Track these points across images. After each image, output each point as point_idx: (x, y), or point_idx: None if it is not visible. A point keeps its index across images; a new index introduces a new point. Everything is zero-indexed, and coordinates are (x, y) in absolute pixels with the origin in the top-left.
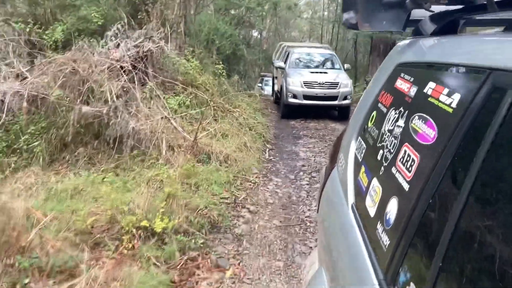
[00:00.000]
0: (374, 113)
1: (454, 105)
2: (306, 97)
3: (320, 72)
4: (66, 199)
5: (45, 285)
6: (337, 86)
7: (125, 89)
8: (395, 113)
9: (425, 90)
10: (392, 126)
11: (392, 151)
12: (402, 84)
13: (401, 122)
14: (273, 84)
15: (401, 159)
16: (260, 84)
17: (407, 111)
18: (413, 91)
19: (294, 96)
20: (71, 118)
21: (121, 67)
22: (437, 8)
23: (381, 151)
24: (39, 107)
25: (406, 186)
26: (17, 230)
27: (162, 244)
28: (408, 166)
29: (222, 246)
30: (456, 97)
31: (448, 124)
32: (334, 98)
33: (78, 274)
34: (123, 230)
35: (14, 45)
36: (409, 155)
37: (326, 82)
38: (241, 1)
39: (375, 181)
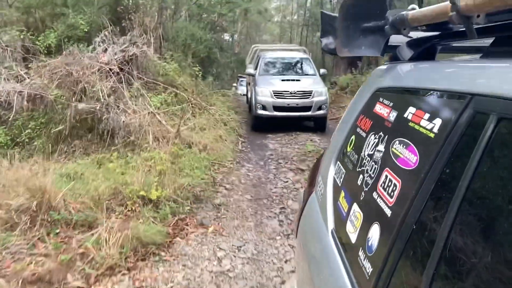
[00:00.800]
0: (353, 137)
1: (435, 130)
2: (276, 108)
3: (292, 80)
4: (71, 181)
5: (72, 233)
6: (310, 95)
7: (113, 88)
8: (375, 138)
9: (405, 115)
10: (372, 150)
11: (372, 176)
12: (381, 109)
13: (381, 147)
14: (247, 86)
15: (382, 184)
16: (235, 84)
17: (387, 136)
18: (392, 116)
19: (264, 108)
20: (68, 114)
21: (110, 70)
22: (414, 35)
23: (361, 176)
24: (37, 105)
25: (388, 212)
26: (48, 193)
27: (157, 209)
28: (390, 191)
29: (204, 212)
30: (438, 122)
31: (430, 149)
32: (307, 108)
33: (96, 226)
34: (126, 199)
35: (10, 50)
36: (390, 180)
37: (298, 92)
38: (214, 7)
39: (355, 206)
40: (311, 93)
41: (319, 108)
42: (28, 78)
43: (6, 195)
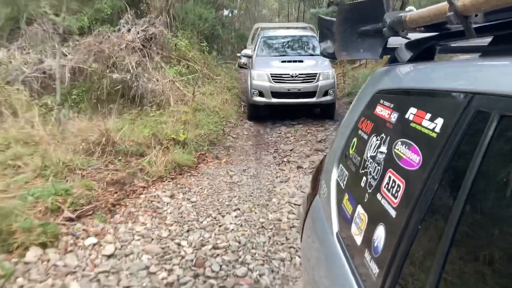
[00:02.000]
0: (355, 140)
1: (437, 129)
2: (275, 94)
3: (294, 61)
4: (119, 130)
5: (130, 159)
6: (314, 79)
7: (138, 62)
8: (377, 140)
9: (406, 116)
10: (374, 152)
11: (376, 177)
12: (382, 111)
13: (383, 148)
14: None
15: (386, 185)
16: (239, 54)
17: (389, 137)
18: (394, 117)
19: (260, 94)
20: (104, 83)
21: (134, 47)
22: (413, 36)
23: (364, 178)
24: (78, 77)
25: (393, 213)
26: (110, 134)
27: (184, 147)
28: (393, 192)
29: (218, 151)
30: (439, 121)
31: (433, 149)
32: (311, 94)
33: (145, 155)
34: (162, 140)
35: (51, 31)
36: (394, 181)
37: (300, 75)
38: None
39: (360, 208)
40: (316, 76)
41: (325, 94)
42: (69, 54)
43: (84, 134)
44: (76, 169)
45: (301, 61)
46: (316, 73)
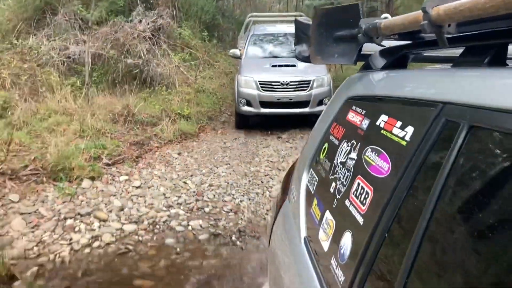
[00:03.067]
0: (326, 145)
1: (407, 138)
2: (264, 104)
3: (286, 65)
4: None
5: (146, 128)
6: (308, 86)
7: (148, 49)
8: (348, 145)
9: (377, 123)
10: (344, 158)
11: (345, 183)
12: (354, 117)
13: (353, 155)
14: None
15: (355, 192)
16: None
17: (359, 144)
18: (365, 123)
19: (248, 103)
20: (120, 67)
21: (144, 36)
22: (387, 43)
23: (333, 184)
24: (97, 61)
25: (360, 220)
26: (130, 107)
27: (188, 120)
28: (362, 199)
29: (214, 124)
30: (410, 130)
31: (402, 157)
32: (304, 104)
33: (157, 125)
34: (170, 114)
35: (73, 21)
36: (363, 188)
37: (291, 82)
38: None
39: (328, 214)
40: (309, 83)
41: (320, 103)
42: (89, 42)
43: (109, 107)
44: (106, 133)
45: (294, 65)
46: (310, 80)
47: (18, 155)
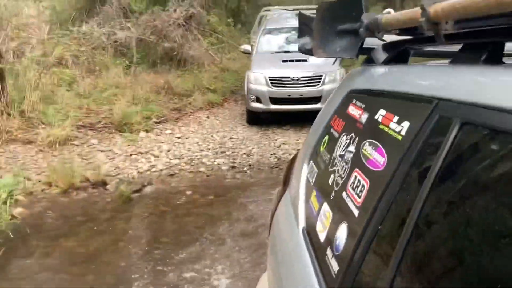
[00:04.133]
0: (326, 137)
1: (403, 133)
2: (274, 100)
3: (297, 60)
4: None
5: (182, 98)
6: (319, 82)
7: (181, 35)
8: (347, 139)
9: (376, 117)
10: (343, 151)
11: (343, 176)
12: (353, 111)
13: (352, 148)
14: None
15: (352, 184)
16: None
17: (358, 137)
18: (364, 117)
19: (258, 100)
20: (158, 50)
21: (179, 24)
22: (389, 38)
23: (332, 176)
24: (138, 44)
25: (356, 212)
26: (170, 83)
27: (214, 93)
28: (358, 192)
29: (236, 97)
30: (406, 125)
31: (398, 151)
32: (315, 100)
33: (191, 96)
34: (200, 88)
35: (118, 11)
36: (359, 181)
37: (302, 77)
38: None
39: (325, 206)
40: (321, 78)
41: None
42: (133, 28)
43: (153, 82)
44: (152, 101)
45: (305, 60)
46: (321, 75)
47: (89, 116)
